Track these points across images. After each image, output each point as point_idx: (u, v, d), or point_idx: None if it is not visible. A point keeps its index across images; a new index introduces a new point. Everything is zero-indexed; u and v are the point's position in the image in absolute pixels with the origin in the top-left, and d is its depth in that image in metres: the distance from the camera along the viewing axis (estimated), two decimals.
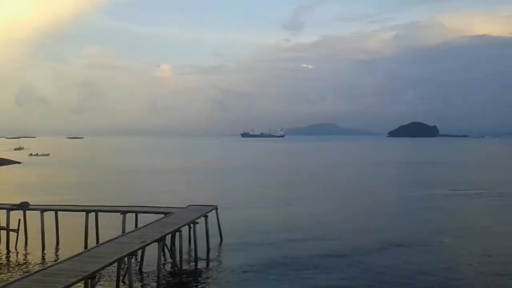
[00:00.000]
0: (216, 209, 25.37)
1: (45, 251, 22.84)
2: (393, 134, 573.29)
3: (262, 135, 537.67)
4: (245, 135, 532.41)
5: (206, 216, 23.40)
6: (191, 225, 21.91)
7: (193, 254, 21.84)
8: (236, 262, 21.02)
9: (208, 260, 21.76)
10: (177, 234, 20.36)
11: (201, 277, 19.28)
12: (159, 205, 27.05)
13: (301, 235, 26.68)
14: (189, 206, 25.53)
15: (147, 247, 17.79)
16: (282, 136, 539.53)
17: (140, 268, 19.50)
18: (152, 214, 23.95)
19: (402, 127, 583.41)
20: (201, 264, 21.03)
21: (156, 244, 17.59)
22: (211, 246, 23.24)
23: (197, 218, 22.27)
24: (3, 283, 13.61)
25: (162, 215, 22.97)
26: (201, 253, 22.08)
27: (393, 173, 73.51)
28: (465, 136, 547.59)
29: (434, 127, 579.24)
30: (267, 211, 35.37)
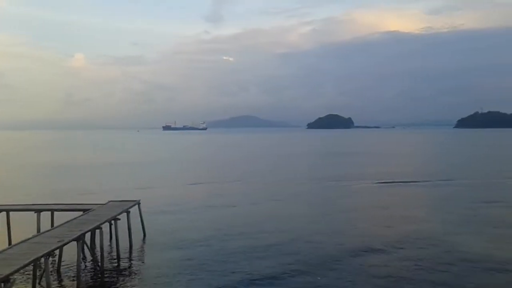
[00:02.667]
0: (139, 204, 24.81)
1: None
2: (312, 126, 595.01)
3: (184, 128, 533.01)
4: (167, 128, 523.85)
5: (128, 212, 22.80)
6: (112, 221, 21.27)
7: (114, 252, 21.16)
8: (160, 259, 20.75)
9: (130, 257, 21.18)
10: (97, 231, 19.69)
11: (123, 275, 18.74)
12: (77, 202, 25.92)
13: (225, 228, 26.79)
14: (109, 202, 24.70)
15: (65, 247, 17.01)
16: (204, 128, 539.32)
17: (58, 269, 18.63)
18: (70, 212, 22.86)
19: (319, 119, 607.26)
20: (124, 262, 20.45)
21: (74, 243, 16.86)
22: (133, 243, 22.73)
23: (118, 214, 21.61)
24: None
25: (81, 213, 22.03)
26: (124, 251, 21.46)
27: (306, 163, 76.64)
28: (377, 127, 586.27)
29: (349, 119, 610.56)
30: (191, 205, 35.28)
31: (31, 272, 15.10)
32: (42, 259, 14.79)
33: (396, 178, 49.52)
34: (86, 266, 19.82)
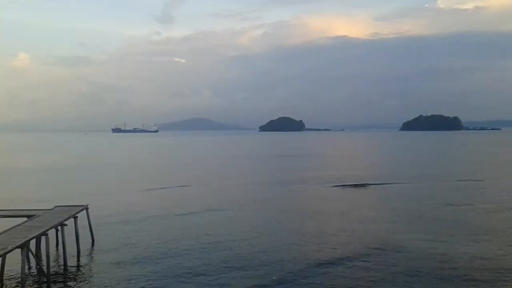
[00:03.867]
0: (87, 209, 24.09)
1: None
2: (264, 128, 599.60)
3: (135, 130, 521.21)
4: (116, 130, 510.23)
5: (75, 218, 22.11)
6: (59, 227, 20.60)
7: (62, 259, 20.45)
8: (109, 266, 20.20)
9: (78, 265, 20.49)
10: (43, 238, 18.97)
11: (70, 283, 18.12)
12: (21, 208, 24.82)
13: (176, 234, 26.51)
14: (55, 207, 23.80)
15: (8, 255, 16.24)
16: (156, 131, 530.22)
17: (1, 279, 17.79)
18: (13, 218, 21.91)
19: (272, 121, 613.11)
20: (71, 270, 19.74)
21: (18, 250, 16.20)
22: (81, 249, 22.07)
23: (65, 220, 20.91)
24: None
25: (25, 219, 21.16)
26: (71, 258, 20.79)
27: (257, 166, 77.29)
28: (328, 129, 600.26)
29: (301, 121, 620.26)
30: (141, 210, 34.54)
31: None
32: None
33: (348, 180, 50.76)
34: (31, 274, 19.08)
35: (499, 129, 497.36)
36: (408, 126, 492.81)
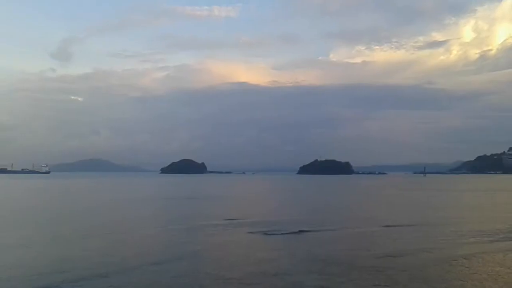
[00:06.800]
0: None
1: None
2: (165, 170, 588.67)
3: (23, 171, 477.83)
4: (1, 171, 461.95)
5: None
6: None
7: None
8: None
9: None
10: None
11: None
12: None
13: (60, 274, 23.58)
14: None
15: None
16: (47, 172, 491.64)
17: None
18: None
19: (173, 163, 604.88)
20: None
21: None
22: None
23: None
24: None
25: None
26: None
27: (155, 208, 74.29)
28: (229, 172, 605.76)
29: (203, 163, 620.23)
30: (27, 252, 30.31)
31: None
32: None
33: (256, 225, 50.29)
34: None
35: (385, 173, 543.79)
36: (305, 169, 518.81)
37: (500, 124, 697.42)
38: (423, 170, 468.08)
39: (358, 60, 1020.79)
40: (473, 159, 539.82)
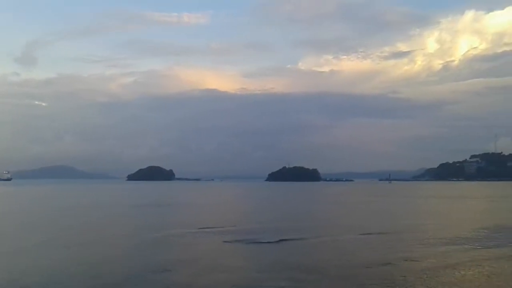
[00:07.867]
0: None
1: None
2: (132, 177, 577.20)
3: None
4: None
5: None
6: None
7: None
8: None
9: None
10: None
11: None
12: None
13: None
14: None
15: None
16: (9, 179, 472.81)
17: None
18: None
19: (140, 170, 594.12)
20: None
21: None
22: None
23: None
24: None
25: None
26: None
27: (120, 216, 71.83)
28: (198, 179, 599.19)
29: (171, 170, 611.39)
30: None
31: None
32: None
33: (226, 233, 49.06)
34: None
35: (352, 180, 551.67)
36: (273, 176, 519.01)
37: (462, 133, 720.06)
38: (388, 177, 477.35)
39: (326, 69, 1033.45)
40: (436, 167, 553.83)
